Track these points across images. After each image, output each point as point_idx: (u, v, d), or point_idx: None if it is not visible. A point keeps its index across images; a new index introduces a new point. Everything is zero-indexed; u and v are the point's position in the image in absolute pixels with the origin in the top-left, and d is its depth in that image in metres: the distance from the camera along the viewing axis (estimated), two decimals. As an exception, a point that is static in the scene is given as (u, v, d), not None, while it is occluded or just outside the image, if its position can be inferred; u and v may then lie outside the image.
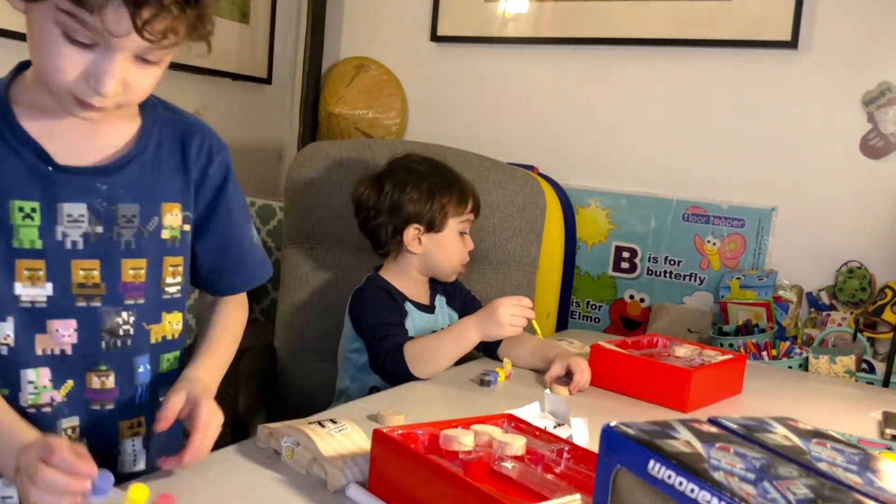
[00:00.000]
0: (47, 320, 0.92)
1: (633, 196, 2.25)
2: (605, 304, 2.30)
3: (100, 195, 0.93)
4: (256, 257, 1.12)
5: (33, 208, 0.89)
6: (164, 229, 0.98)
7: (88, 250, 0.92)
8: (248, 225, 1.11)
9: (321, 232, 1.82)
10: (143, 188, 0.96)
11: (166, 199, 0.98)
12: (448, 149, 1.92)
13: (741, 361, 1.47)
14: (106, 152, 0.94)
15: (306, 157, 1.84)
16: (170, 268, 1.01)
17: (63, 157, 0.90)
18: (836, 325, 1.96)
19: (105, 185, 0.93)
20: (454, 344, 1.39)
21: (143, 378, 1.00)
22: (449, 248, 1.56)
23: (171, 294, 1.02)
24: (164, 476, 0.91)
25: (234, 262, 1.09)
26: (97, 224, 0.93)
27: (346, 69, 2.63)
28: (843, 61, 2.01)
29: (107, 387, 0.97)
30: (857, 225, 2.00)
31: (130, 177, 0.95)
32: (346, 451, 0.92)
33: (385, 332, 1.43)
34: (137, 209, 0.95)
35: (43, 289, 0.91)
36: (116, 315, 0.96)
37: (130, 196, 0.95)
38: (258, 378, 1.71)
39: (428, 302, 1.59)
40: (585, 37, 2.29)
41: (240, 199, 1.09)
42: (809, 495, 0.51)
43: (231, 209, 1.06)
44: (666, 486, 0.53)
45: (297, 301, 1.80)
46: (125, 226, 0.94)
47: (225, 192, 1.05)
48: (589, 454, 0.86)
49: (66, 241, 0.91)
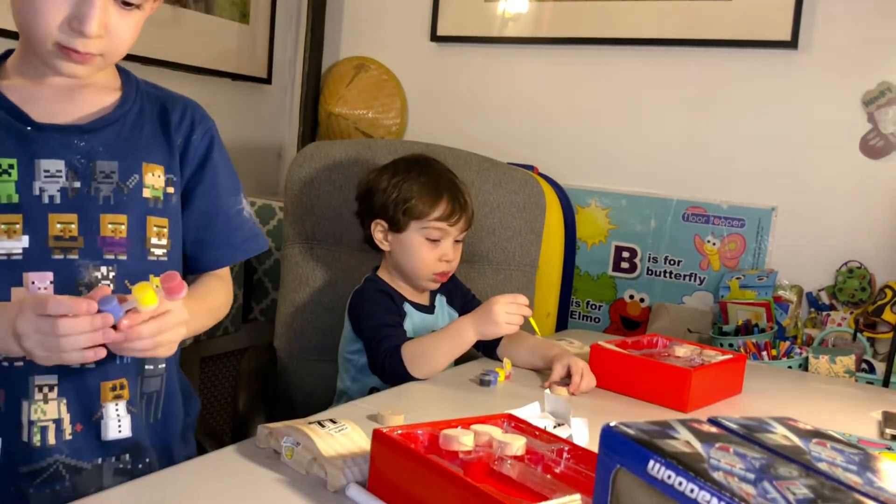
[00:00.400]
0: (23, 273, 0.92)
1: (633, 196, 2.25)
2: (604, 304, 2.30)
3: (77, 151, 0.94)
4: (244, 230, 1.10)
5: (11, 164, 0.91)
6: (145, 188, 0.98)
7: (66, 204, 0.93)
8: (236, 197, 1.10)
9: (321, 232, 1.82)
10: (122, 147, 0.97)
11: (147, 160, 0.99)
12: (448, 149, 1.92)
13: (741, 361, 1.47)
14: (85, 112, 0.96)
15: (306, 157, 1.84)
16: (154, 227, 1.00)
17: (41, 117, 0.93)
18: (835, 325, 1.96)
19: (83, 143, 0.95)
20: (451, 343, 1.38)
21: None
22: (411, 253, 1.49)
23: (158, 256, 1.01)
24: (160, 475, 0.91)
25: (218, 233, 1.08)
26: (75, 179, 0.94)
27: (345, 69, 2.63)
28: (843, 61, 2.01)
29: None
30: (857, 225, 2.00)
31: (109, 136, 0.97)
32: (345, 450, 0.92)
33: (383, 333, 1.42)
34: (116, 166, 0.96)
35: (19, 241, 0.92)
36: (95, 269, 0.95)
37: (109, 154, 0.96)
38: (258, 378, 1.71)
39: (427, 302, 1.58)
40: (585, 37, 2.29)
41: (227, 170, 1.09)
42: (809, 495, 0.51)
43: (217, 180, 1.06)
44: (666, 486, 0.53)
45: (297, 301, 1.80)
46: (103, 181, 0.95)
47: (210, 162, 1.05)
48: (589, 454, 0.86)
49: (44, 196, 0.92)
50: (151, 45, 2.14)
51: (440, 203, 1.49)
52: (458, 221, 1.50)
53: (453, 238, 1.52)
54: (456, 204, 1.50)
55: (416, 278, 1.52)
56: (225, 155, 1.09)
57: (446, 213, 1.49)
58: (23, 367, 0.92)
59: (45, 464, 0.95)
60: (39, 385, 0.93)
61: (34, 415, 0.93)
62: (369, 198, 1.53)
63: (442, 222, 1.49)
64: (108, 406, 0.97)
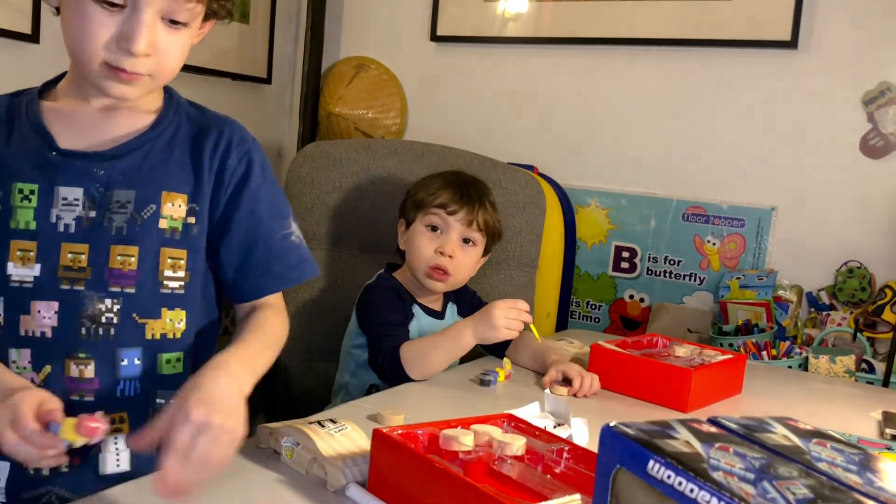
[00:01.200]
0: (31, 301, 0.92)
1: (632, 196, 2.25)
2: (604, 304, 2.30)
3: (97, 180, 0.93)
4: (291, 256, 1.05)
5: (32, 190, 0.91)
6: (162, 218, 0.96)
7: (80, 234, 0.93)
8: (280, 222, 1.04)
9: (321, 232, 1.82)
10: (142, 175, 0.95)
11: (169, 189, 0.96)
12: (448, 149, 1.92)
13: (741, 361, 1.47)
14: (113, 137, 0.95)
15: (306, 156, 1.84)
16: (168, 260, 0.97)
17: (66, 142, 0.92)
18: (835, 324, 1.96)
19: (102, 171, 0.93)
20: (450, 346, 1.38)
21: (129, 372, 0.96)
22: (413, 243, 1.51)
23: (172, 289, 0.98)
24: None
25: (259, 260, 1.03)
26: (91, 208, 0.93)
27: (345, 69, 2.63)
28: (843, 61, 2.01)
29: (85, 376, 0.93)
30: (857, 225, 2.00)
31: (130, 164, 0.95)
32: (345, 450, 0.92)
33: (385, 331, 1.43)
34: (133, 195, 0.94)
35: (31, 269, 0.92)
36: (99, 301, 0.94)
37: (127, 182, 0.94)
38: (258, 378, 1.70)
39: (439, 308, 1.58)
40: (585, 37, 2.29)
41: (270, 193, 1.03)
42: (809, 495, 0.51)
43: (256, 205, 1.02)
44: (665, 486, 0.53)
45: (297, 301, 1.80)
46: (117, 211, 0.94)
47: (248, 186, 1.01)
48: (589, 454, 0.86)
49: (59, 224, 0.92)
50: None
51: (443, 192, 1.51)
52: (456, 212, 1.50)
53: (457, 234, 1.51)
54: (459, 196, 1.50)
55: (416, 271, 1.52)
56: (269, 177, 1.04)
57: (444, 201, 1.49)
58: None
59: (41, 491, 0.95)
60: None
61: None
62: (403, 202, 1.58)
63: (440, 209, 1.49)
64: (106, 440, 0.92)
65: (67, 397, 0.92)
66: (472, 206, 1.51)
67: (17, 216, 0.91)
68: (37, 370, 0.93)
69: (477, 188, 1.55)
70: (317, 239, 1.82)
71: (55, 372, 0.93)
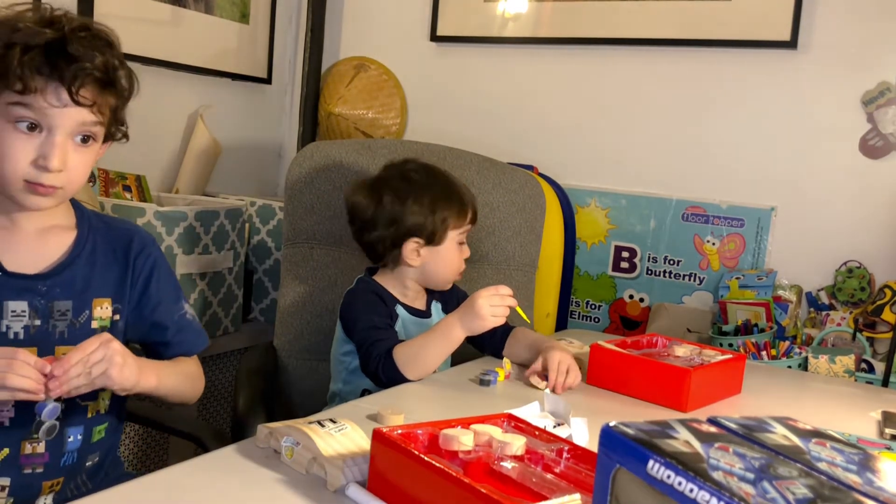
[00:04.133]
0: None
1: (632, 196, 2.25)
2: (604, 304, 2.30)
3: (39, 294, 1.10)
4: (191, 330, 1.27)
5: None
6: (93, 321, 1.14)
7: (28, 339, 1.08)
8: (179, 304, 1.27)
9: (321, 232, 1.82)
10: (76, 287, 1.13)
11: (97, 296, 1.15)
12: (448, 149, 1.92)
13: (741, 361, 1.47)
14: (47, 259, 1.12)
15: (306, 156, 1.84)
16: None
17: (11, 265, 1.09)
18: (835, 324, 1.96)
19: (45, 287, 1.10)
20: (441, 343, 1.38)
21: (72, 446, 1.13)
22: (447, 259, 1.54)
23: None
24: (160, 475, 0.91)
25: (172, 335, 1.25)
26: (36, 318, 1.09)
27: (345, 69, 2.63)
28: (843, 61, 2.01)
29: (37, 451, 1.09)
30: (857, 225, 2.01)
31: (66, 279, 1.12)
32: (345, 450, 0.92)
33: (374, 336, 1.42)
34: (70, 305, 1.12)
35: None
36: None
37: (65, 294, 1.12)
38: (258, 378, 1.70)
39: (424, 307, 1.58)
40: (585, 37, 2.29)
41: (170, 281, 1.26)
42: (809, 495, 0.51)
43: (160, 296, 1.23)
44: (665, 486, 0.53)
45: (296, 301, 1.80)
46: (59, 318, 1.11)
47: (152, 282, 1.22)
48: (589, 454, 0.86)
49: (10, 332, 1.07)
50: (151, 45, 2.14)
51: (468, 209, 1.55)
52: (476, 219, 1.59)
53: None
54: (474, 205, 1.58)
55: (445, 282, 1.57)
56: (167, 269, 1.26)
57: (473, 217, 1.57)
58: None
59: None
60: None
61: None
62: (399, 222, 1.50)
63: (469, 225, 1.56)
64: (41, 499, 1.12)
65: (20, 471, 1.08)
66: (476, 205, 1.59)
67: None
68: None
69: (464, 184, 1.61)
70: (316, 239, 1.82)
71: (12, 453, 1.07)
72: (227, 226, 2.03)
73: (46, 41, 1.02)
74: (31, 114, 1.02)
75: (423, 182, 1.53)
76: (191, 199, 2.14)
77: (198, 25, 2.34)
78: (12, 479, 1.08)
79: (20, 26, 1.03)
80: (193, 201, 2.12)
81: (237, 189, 2.53)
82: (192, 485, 0.89)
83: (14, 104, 1.02)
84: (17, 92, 1.01)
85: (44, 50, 1.02)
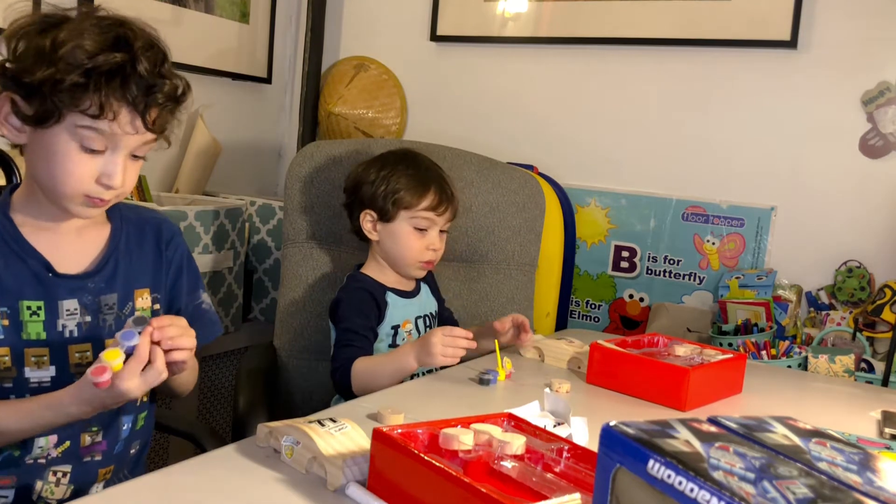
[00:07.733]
0: None
1: (632, 195, 2.25)
2: (604, 304, 2.30)
3: (87, 291, 1.13)
4: (206, 319, 1.29)
5: (39, 306, 1.09)
6: (136, 311, 1.18)
7: (81, 336, 1.12)
8: (197, 293, 1.29)
9: (321, 232, 1.82)
10: (118, 280, 1.16)
11: (138, 286, 1.19)
12: (448, 149, 1.92)
13: (741, 361, 1.47)
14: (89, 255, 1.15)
15: (306, 156, 1.84)
16: None
17: (61, 267, 1.11)
18: (835, 324, 1.96)
19: (91, 284, 1.13)
20: (394, 368, 1.41)
21: (125, 434, 1.18)
22: (401, 242, 1.55)
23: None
24: (160, 474, 0.91)
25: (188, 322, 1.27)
26: (86, 314, 1.12)
27: (345, 68, 2.63)
28: (843, 61, 2.01)
29: (96, 441, 1.14)
30: (857, 224, 2.01)
31: (108, 273, 1.15)
32: (345, 450, 0.92)
33: (348, 339, 1.48)
34: (115, 298, 1.15)
35: (47, 371, 1.09)
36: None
37: (110, 288, 1.15)
38: (258, 377, 1.71)
39: (412, 288, 1.63)
40: (585, 37, 2.29)
41: (194, 270, 1.29)
42: (809, 495, 0.51)
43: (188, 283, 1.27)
44: (665, 486, 0.53)
45: (296, 300, 1.80)
46: (107, 312, 1.14)
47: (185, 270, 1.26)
48: (589, 453, 0.86)
49: (65, 331, 1.10)
50: (151, 45, 2.14)
51: (428, 194, 1.55)
52: (444, 212, 1.57)
53: (439, 228, 1.58)
54: (443, 195, 1.57)
55: (403, 266, 1.58)
56: (191, 258, 1.29)
57: (434, 204, 1.56)
58: (45, 463, 1.10)
59: None
60: (55, 470, 1.11)
61: (45, 493, 1.12)
62: (358, 189, 1.59)
63: (430, 212, 1.55)
64: (96, 485, 1.17)
65: (81, 460, 1.13)
66: (452, 201, 1.59)
67: (27, 329, 1.08)
68: (57, 447, 1.10)
69: (446, 179, 1.61)
70: (316, 238, 1.82)
71: (73, 446, 1.11)
72: (227, 225, 2.03)
73: (118, 65, 1.02)
74: (102, 138, 1.03)
75: (394, 160, 1.59)
76: (191, 199, 2.14)
77: (198, 25, 2.34)
78: (73, 467, 1.12)
79: (88, 46, 1.01)
80: (193, 201, 2.12)
81: (237, 189, 2.53)
82: (192, 484, 0.89)
83: (84, 127, 1.02)
84: (91, 116, 1.01)
85: (116, 74, 1.01)
